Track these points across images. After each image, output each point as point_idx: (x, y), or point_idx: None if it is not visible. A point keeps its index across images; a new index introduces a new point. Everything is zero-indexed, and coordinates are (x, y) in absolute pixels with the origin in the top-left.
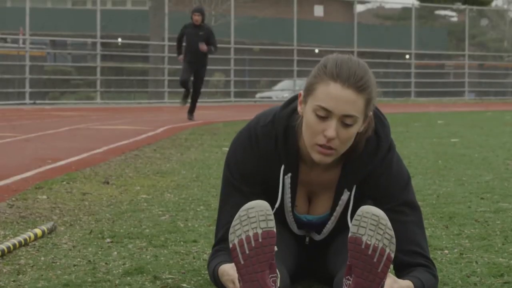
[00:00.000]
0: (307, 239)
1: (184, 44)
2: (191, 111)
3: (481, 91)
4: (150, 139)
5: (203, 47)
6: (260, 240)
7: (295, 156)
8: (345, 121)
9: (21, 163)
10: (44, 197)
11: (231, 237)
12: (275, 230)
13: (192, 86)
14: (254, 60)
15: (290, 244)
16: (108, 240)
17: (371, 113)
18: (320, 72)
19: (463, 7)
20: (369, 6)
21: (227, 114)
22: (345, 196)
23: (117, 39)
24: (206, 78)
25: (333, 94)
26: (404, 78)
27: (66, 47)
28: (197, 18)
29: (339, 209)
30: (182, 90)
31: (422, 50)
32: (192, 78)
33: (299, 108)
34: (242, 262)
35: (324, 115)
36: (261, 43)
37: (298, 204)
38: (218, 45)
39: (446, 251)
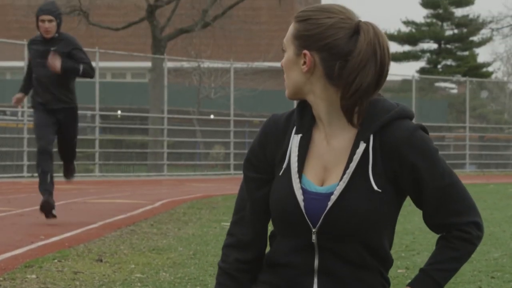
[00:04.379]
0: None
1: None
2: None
3: (482, 163)
4: (148, 213)
5: (53, 61)
6: None
7: (309, 118)
8: None
9: (13, 239)
10: (34, 276)
11: None
12: None
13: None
14: (254, 133)
15: None
16: None
17: (306, 52)
18: None
19: (463, 79)
20: None
21: (226, 187)
22: (361, 148)
23: (116, 111)
24: (205, 151)
25: None
26: None
27: None
28: (47, 26)
29: (353, 164)
30: (180, 162)
31: (422, 122)
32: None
33: None
34: None
35: None
36: (261, 115)
37: (308, 174)
38: (218, 118)
39: None
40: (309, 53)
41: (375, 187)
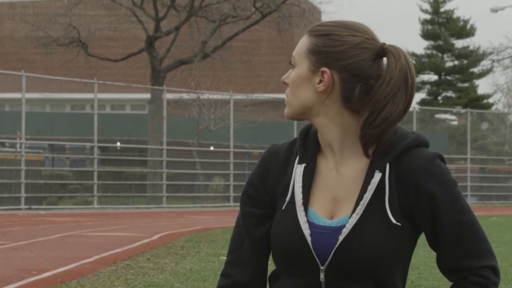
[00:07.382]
0: None
1: None
2: None
3: (483, 195)
4: (145, 247)
5: None
6: None
7: (313, 146)
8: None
9: (3, 274)
10: None
11: None
12: None
13: None
14: (254, 164)
15: None
16: None
17: (325, 69)
18: None
19: (463, 110)
20: None
21: (225, 219)
22: (376, 177)
23: (115, 143)
24: (205, 183)
25: None
26: None
27: (65, 151)
28: None
29: (367, 195)
30: (180, 194)
31: None
32: None
33: None
34: None
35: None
36: (261, 147)
37: (315, 207)
38: (218, 149)
39: None
40: (329, 71)
41: (393, 221)
